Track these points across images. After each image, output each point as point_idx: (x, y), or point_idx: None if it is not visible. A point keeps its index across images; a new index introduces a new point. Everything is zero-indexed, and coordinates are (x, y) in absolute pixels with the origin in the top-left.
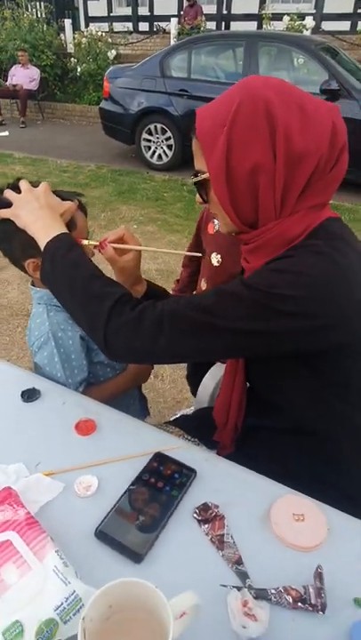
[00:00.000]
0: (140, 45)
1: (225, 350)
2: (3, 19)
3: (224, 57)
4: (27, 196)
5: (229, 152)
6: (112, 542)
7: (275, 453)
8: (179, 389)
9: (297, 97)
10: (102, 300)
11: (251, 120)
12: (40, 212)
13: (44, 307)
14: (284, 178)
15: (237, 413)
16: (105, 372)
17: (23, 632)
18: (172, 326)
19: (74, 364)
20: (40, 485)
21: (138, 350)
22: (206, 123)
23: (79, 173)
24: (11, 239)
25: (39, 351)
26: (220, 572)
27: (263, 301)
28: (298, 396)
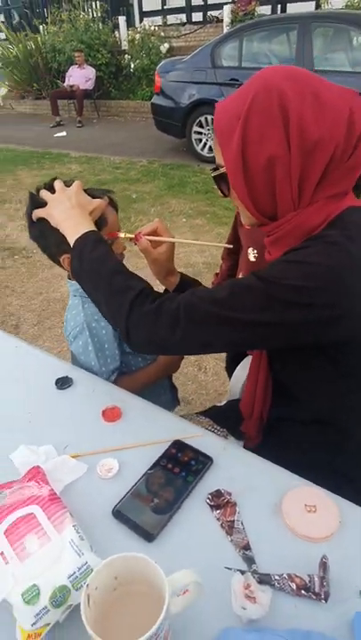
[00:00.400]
0: (194, 36)
1: (239, 342)
2: (60, 21)
3: (277, 42)
4: (60, 196)
5: (245, 145)
6: (127, 521)
7: (297, 445)
8: (221, 382)
9: (312, 85)
10: (124, 293)
11: (265, 112)
12: (71, 211)
13: (79, 299)
14: (300, 168)
15: (262, 404)
16: (137, 362)
17: (39, 595)
18: (188, 318)
19: (107, 354)
20: (66, 466)
21: (156, 341)
22: (223, 116)
23: (131, 169)
24: (47, 237)
25: (74, 340)
26: (227, 555)
27: (275, 293)
28: (318, 388)
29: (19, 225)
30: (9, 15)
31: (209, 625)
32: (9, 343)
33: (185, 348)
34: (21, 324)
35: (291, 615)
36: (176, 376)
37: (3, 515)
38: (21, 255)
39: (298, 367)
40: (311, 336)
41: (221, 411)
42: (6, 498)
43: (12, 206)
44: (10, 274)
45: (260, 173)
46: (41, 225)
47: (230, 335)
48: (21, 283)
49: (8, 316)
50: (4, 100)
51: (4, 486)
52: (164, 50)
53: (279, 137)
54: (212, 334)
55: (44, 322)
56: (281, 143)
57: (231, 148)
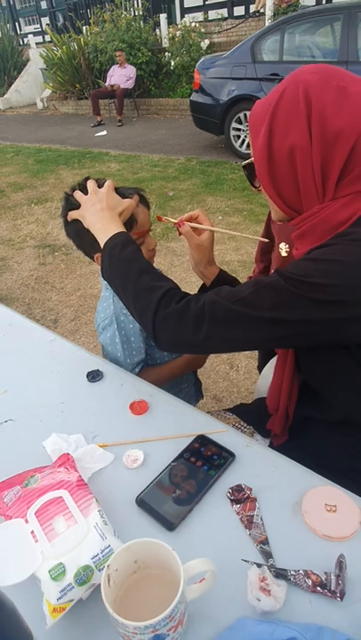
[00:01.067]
0: (235, 31)
1: (264, 341)
2: (103, 21)
3: (320, 34)
4: (91, 197)
5: (271, 134)
6: (150, 510)
7: (322, 445)
8: (253, 380)
9: (340, 79)
10: (151, 293)
11: (291, 104)
12: (101, 213)
13: (110, 292)
14: (321, 158)
15: (287, 402)
16: (162, 355)
17: (65, 573)
18: (212, 317)
19: (133, 346)
20: (94, 455)
21: (182, 341)
22: (256, 110)
23: (169, 167)
24: (81, 236)
25: (103, 332)
26: (244, 548)
27: (298, 291)
28: (344, 388)
29: (59, 223)
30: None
31: (224, 613)
32: (45, 336)
33: (210, 346)
34: (60, 319)
35: (305, 611)
36: (208, 373)
37: (35, 496)
38: (61, 252)
39: (324, 367)
40: (336, 334)
41: (248, 408)
42: (38, 481)
43: (53, 205)
44: (50, 270)
45: (284, 162)
46: (75, 225)
47: (255, 333)
48: (61, 279)
49: (48, 310)
50: (48, 101)
51: (37, 470)
52: (205, 46)
53: (302, 126)
54: (237, 333)
55: (80, 317)
56: (303, 132)
57: (259, 139)
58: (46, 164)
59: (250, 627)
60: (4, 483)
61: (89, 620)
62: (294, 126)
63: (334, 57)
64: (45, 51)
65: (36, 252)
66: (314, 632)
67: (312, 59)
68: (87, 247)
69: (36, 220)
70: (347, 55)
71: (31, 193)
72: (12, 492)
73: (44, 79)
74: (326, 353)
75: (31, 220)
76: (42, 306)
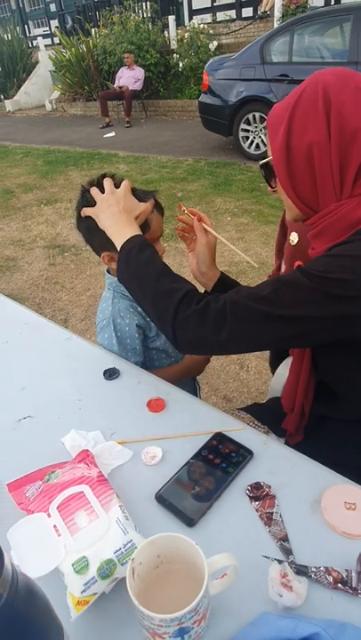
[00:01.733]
0: (243, 32)
1: (286, 339)
2: (111, 24)
3: (329, 35)
4: (108, 198)
5: (290, 132)
6: (169, 506)
7: (339, 444)
8: (263, 380)
9: (358, 80)
10: (170, 295)
11: (310, 102)
12: (118, 215)
13: (111, 292)
14: (339, 154)
15: (303, 400)
16: (160, 358)
17: (88, 566)
18: (233, 316)
19: (128, 348)
20: (113, 451)
21: (204, 342)
22: (275, 111)
23: (177, 168)
24: (92, 233)
25: (101, 332)
26: (265, 545)
27: (319, 287)
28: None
29: (69, 223)
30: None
31: (245, 609)
32: (62, 335)
33: (232, 346)
34: (70, 319)
35: (326, 607)
36: (218, 374)
37: (56, 491)
38: (71, 252)
39: (341, 365)
40: (356, 330)
41: (262, 408)
42: (59, 476)
43: (62, 205)
44: (60, 270)
45: (302, 160)
46: (87, 221)
47: (277, 332)
48: (70, 279)
49: (58, 310)
50: (57, 102)
51: (57, 466)
52: (213, 47)
53: (321, 123)
54: (259, 332)
55: (90, 317)
56: (322, 129)
57: (278, 137)
58: (55, 165)
59: (272, 622)
60: (26, 478)
61: (112, 613)
62: (313, 123)
63: (344, 58)
64: (54, 53)
65: (46, 252)
66: (337, 628)
67: (321, 60)
68: (95, 244)
69: (46, 220)
70: (357, 56)
71: (41, 194)
72: (33, 486)
73: (53, 81)
74: (343, 351)
75: (41, 220)
76: (52, 306)
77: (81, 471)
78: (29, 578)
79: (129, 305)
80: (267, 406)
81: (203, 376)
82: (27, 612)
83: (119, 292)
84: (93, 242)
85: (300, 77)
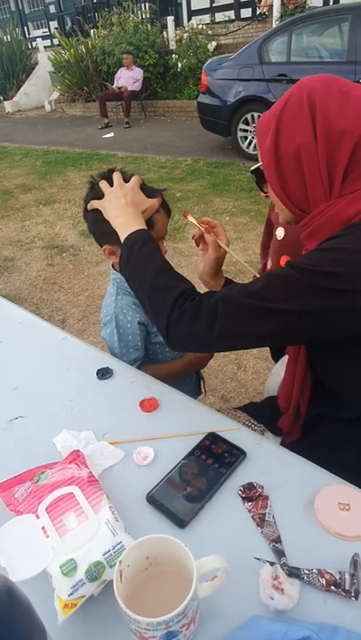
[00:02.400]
0: (242, 33)
1: (279, 334)
2: (110, 25)
3: (327, 35)
4: (117, 191)
5: (278, 137)
6: (160, 507)
7: (335, 443)
8: (261, 380)
9: (341, 84)
10: (167, 292)
11: (296, 107)
12: (125, 208)
13: (115, 288)
14: (327, 156)
15: (299, 399)
16: (163, 352)
17: (76, 568)
18: (225, 312)
19: (130, 344)
20: (104, 451)
21: (195, 339)
22: (263, 118)
23: (176, 168)
24: (97, 224)
25: (104, 327)
26: (257, 546)
27: (310, 280)
28: (358, 384)
29: (67, 224)
30: (62, 21)
31: (236, 612)
32: (55, 335)
33: (224, 343)
34: (67, 319)
35: (319, 610)
36: (215, 374)
37: (45, 492)
38: (69, 253)
39: (337, 363)
40: (351, 324)
41: (259, 407)
42: (49, 477)
43: (61, 206)
44: (58, 271)
45: (291, 163)
46: (94, 213)
47: (269, 327)
48: (68, 279)
49: (56, 311)
50: (56, 103)
51: (48, 466)
52: (212, 48)
53: (307, 127)
54: (250, 327)
55: (88, 317)
56: (308, 133)
57: (266, 142)
58: (54, 165)
59: (263, 625)
60: (15, 479)
61: (100, 616)
62: (300, 127)
63: (342, 57)
64: (53, 54)
65: (45, 252)
66: (329, 631)
67: (320, 59)
68: (99, 236)
69: (45, 221)
70: (355, 55)
71: (39, 194)
72: (22, 487)
73: (52, 82)
74: (340, 349)
75: (39, 221)
76: (50, 306)
77: (71, 472)
78: (9, 580)
79: (132, 302)
80: (263, 405)
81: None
82: (5, 616)
83: (123, 288)
84: (97, 233)
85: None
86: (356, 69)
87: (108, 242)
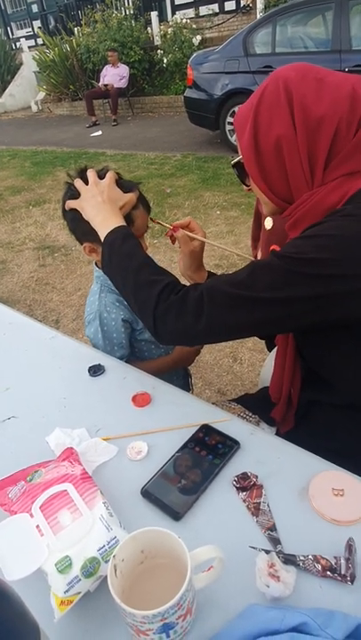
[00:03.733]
0: (227, 26)
1: (265, 323)
2: (94, 22)
3: (312, 24)
4: (92, 189)
5: (256, 130)
6: (155, 501)
7: (329, 430)
8: (257, 372)
9: (316, 72)
10: (151, 287)
11: (272, 97)
12: (102, 205)
13: (98, 286)
14: (307, 144)
15: (290, 388)
16: (149, 349)
17: (71, 565)
18: (211, 303)
19: (114, 342)
20: (98, 448)
21: (183, 332)
22: (240, 112)
23: (165, 164)
24: (76, 224)
25: (88, 325)
26: (252, 535)
27: (293, 268)
28: (347, 371)
29: (58, 224)
30: (45, 20)
31: (233, 601)
32: (46, 334)
33: (212, 334)
34: (61, 319)
35: (316, 596)
36: (211, 367)
37: (39, 491)
38: (60, 253)
39: (325, 349)
40: (336, 310)
41: (253, 397)
42: (42, 476)
43: (51, 206)
44: (50, 271)
45: (271, 155)
46: (72, 213)
47: (254, 316)
48: (61, 279)
49: (49, 311)
50: (43, 103)
51: (41, 465)
52: (197, 42)
53: (285, 117)
54: (237, 317)
55: (82, 317)
56: (287, 123)
57: (245, 135)
58: (43, 166)
59: (260, 613)
60: (9, 479)
61: (97, 612)
62: (278, 118)
63: (327, 47)
64: (38, 54)
65: (36, 253)
66: (325, 616)
67: (305, 49)
68: (79, 234)
69: (35, 222)
70: (340, 44)
71: (29, 195)
72: (16, 487)
73: (38, 82)
74: (327, 335)
75: (30, 222)
76: (43, 307)
77: (64, 469)
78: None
79: (115, 299)
80: (257, 396)
81: (196, 370)
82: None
83: (106, 286)
84: (77, 232)
85: None
86: (342, 58)
87: (88, 240)
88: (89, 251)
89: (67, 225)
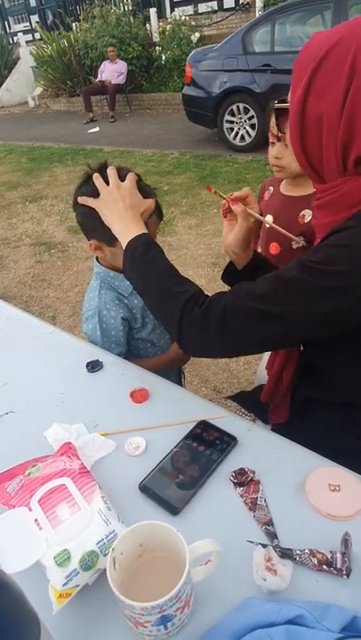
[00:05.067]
0: (226, 24)
1: (290, 336)
2: (92, 17)
3: (310, 23)
4: (114, 193)
5: (308, 92)
6: (153, 496)
7: (325, 427)
8: (253, 371)
9: None
10: (175, 298)
11: (335, 64)
12: (124, 212)
13: (98, 282)
14: (346, 130)
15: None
16: (145, 347)
17: (70, 558)
18: (234, 319)
19: (112, 340)
20: (96, 443)
21: (208, 346)
22: (305, 52)
23: (163, 162)
24: (86, 219)
25: (86, 322)
26: (249, 530)
27: (315, 280)
28: (348, 369)
29: (54, 220)
30: (43, 15)
31: (230, 594)
32: (43, 329)
33: (237, 348)
34: (58, 316)
35: (312, 589)
36: (207, 365)
37: (37, 485)
38: (57, 249)
39: (330, 348)
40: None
41: (249, 395)
42: (40, 470)
43: (48, 202)
44: (47, 267)
45: (313, 127)
46: (83, 208)
47: (278, 329)
48: (57, 276)
49: (45, 308)
50: (40, 99)
51: (39, 460)
52: (195, 39)
53: (337, 96)
54: (261, 331)
55: (79, 313)
56: (336, 103)
57: (296, 92)
58: (40, 162)
59: (257, 606)
60: (7, 473)
61: (96, 604)
62: (331, 89)
63: None
64: (35, 49)
65: (32, 249)
66: (321, 609)
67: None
68: (87, 230)
69: (31, 218)
70: None
71: (25, 191)
72: (14, 481)
73: (35, 77)
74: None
75: (26, 218)
76: (39, 303)
77: (63, 464)
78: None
79: (115, 297)
80: (253, 394)
81: (192, 367)
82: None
83: (106, 283)
84: (85, 227)
85: (283, 67)
86: None
87: (95, 237)
88: (94, 248)
89: (76, 217)
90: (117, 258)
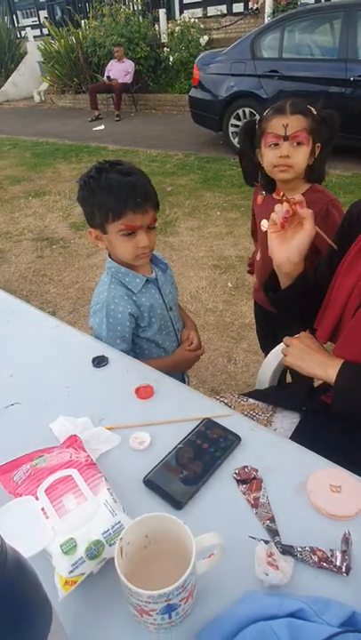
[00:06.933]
0: (234, 28)
1: None
2: (101, 15)
3: (319, 32)
4: (298, 346)
5: None
6: (157, 490)
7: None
8: (250, 373)
9: None
10: None
11: None
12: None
13: (109, 277)
14: None
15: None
16: (150, 347)
17: (76, 547)
18: None
19: (118, 335)
20: (101, 436)
21: None
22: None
23: (167, 162)
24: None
25: (93, 315)
26: (251, 526)
27: None
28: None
29: (57, 216)
30: (52, 11)
31: (232, 588)
32: (49, 323)
33: None
34: (58, 311)
35: (312, 585)
36: (206, 366)
37: (44, 475)
38: (59, 245)
39: None
40: None
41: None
42: (47, 461)
43: (51, 198)
44: (48, 263)
45: None
46: (84, 192)
47: None
48: (58, 272)
49: (45, 303)
50: (46, 94)
51: (45, 451)
52: (204, 42)
53: None
54: None
55: (78, 310)
56: None
57: None
58: (44, 157)
59: (259, 599)
60: (13, 462)
61: (100, 592)
62: None
63: (334, 55)
64: (43, 44)
65: (34, 244)
66: (322, 604)
67: (311, 56)
68: (87, 217)
69: (34, 212)
70: (346, 53)
71: (29, 186)
72: (21, 470)
73: (42, 72)
74: None
75: (29, 212)
76: (40, 298)
77: (69, 455)
78: (18, 552)
79: (125, 293)
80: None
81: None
82: (15, 584)
83: (117, 278)
84: (86, 214)
85: (290, 73)
86: (348, 67)
87: (92, 225)
88: (95, 237)
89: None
90: (113, 247)
